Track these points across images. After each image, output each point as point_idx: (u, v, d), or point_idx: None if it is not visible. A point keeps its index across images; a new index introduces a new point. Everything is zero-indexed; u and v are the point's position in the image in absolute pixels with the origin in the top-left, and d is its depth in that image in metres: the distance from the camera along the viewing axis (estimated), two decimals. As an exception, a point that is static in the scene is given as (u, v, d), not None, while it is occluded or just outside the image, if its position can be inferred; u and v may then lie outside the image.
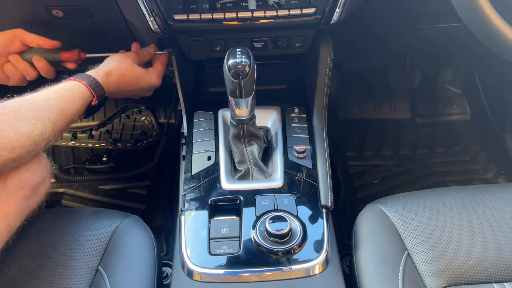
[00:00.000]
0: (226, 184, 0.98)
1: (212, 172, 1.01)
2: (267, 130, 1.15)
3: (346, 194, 1.64)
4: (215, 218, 0.92)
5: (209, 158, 1.05)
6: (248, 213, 0.92)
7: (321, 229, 0.91)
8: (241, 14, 0.97)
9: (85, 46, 1.08)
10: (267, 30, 1.07)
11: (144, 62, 1.09)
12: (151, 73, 1.06)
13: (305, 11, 0.98)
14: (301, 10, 0.97)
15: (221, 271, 0.84)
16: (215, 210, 0.94)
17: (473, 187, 0.96)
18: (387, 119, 1.90)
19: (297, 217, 0.91)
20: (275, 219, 0.86)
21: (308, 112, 1.16)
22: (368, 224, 0.92)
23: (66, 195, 1.66)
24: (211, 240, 0.88)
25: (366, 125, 1.88)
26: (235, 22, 0.99)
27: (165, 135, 1.72)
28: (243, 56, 0.85)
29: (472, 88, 1.81)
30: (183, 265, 0.86)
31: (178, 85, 1.13)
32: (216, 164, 1.03)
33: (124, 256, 0.86)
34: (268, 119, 1.16)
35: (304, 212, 0.93)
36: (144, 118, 1.84)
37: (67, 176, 1.68)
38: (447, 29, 1.27)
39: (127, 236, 0.89)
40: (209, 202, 0.94)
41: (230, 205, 0.95)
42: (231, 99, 0.92)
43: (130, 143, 1.80)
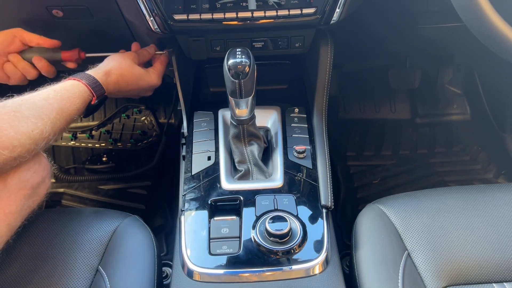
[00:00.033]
0: (226, 184, 0.98)
1: (212, 172, 1.01)
2: (267, 130, 1.15)
3: (346, 194, 1.64)
4: (215, 218, 0.92)
5: (209, 158, 1.05)
6: (248, 213, 0.92)
7: (321, 229, 0.91)
8: (241, 14, 0.97)
9: (85, 46, 1.08)
10: (267, 30, 1.06)
11: (144, 62, 1.09)
12: (151, 73, 1.06)
13: (305, 11, 0.98)
14: (301, 10, 0.97)
15: (221, 271, 0.84)
16: (215, 210, 0.94)
17: (473, 187, 0.96)
18: (387, 119, 1.90)
19: (297, 217, 0.91)
20: (275, 219, 0.86)
21: (308, 112, 1.16)
22: (368, 224, 0.92)
23: (66, 195, 1.66)
24: (211, 240, 0.88)
25: (366, 125, 1.88)
26: (235, 22, 0.99)
27: (165, 135, 1.72)
28: (243, 56, 0.85)
29: (472, 88, 1.81)
30: (183, 265, 0.86)
31: (178, 85, 1.13)
32: (216, 164, 1.03)
33: (124, 256, 0.86)
34: (268, 119, 1.16)
35: (304, 212, 0.93)
36: (144, 118, 1.83)
37: (67, 176, 1.68)
38: (447, 29, 1.27)
39: (127, 236, 0.89)
40: (209, 202, 0.94)
41: (230, 205, 0.95)
42: (231, 99, 0.92)
43: (130, 143, 1.80)
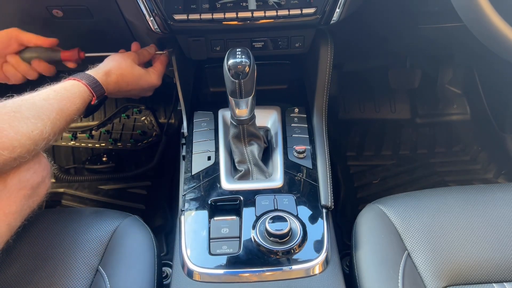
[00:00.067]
0: (226, 184, 0.98)
1: (212, 172, 1.01)
2: (267, 130, 1.15)
3: (346, 194, 1.64)
4: (215, 218, 0.92)
5: (209, 158, 1.05)
6: (248, 213, 0.92)
7: (321, 229, 0.91)
8: (241, 14, 0.97)
9: (85, 46, 1.08)
10: (267, 30, 1.06)
11: (144, 62, 1.09)
12: (151, 73, 1.06)
13: (305, 11, 0.98)
14: (301, 10, 0.97)
15: (221, 271, 0.84)
16: (215, 210, 0.94)
17: (473, 187, 0.96)
18: (387, 119, 1.90)
19: (297, 217, 0.91)
20: (275, 219, 0.86)
21: (308, 112, 1.16)
22: (368, 224, 0.92)
23: (66, 195, 1.66)
24: (211, 240, 0.88)
25: (366, 125, 1.88)
26: (235, 22, 0.99)
27: (165, 135, 1.72)
28: (243, 56, 0.85)
29: (472, 88, 1.80)
30: (183, 265, 0.86)
31: (178, 85, 1.13)
32: (216, 164, 1.03)
33: (124, 256, 0.86)
34: (268, 119, 1.16)
35: (304, 212, 0.93)
36: (144, 118, 1.83)
37: (67, 176, 1.68)
38: (447, 29, 1.27)
39: (127, 236, 0.89)
40: (209, 202, 0.94)
41: (230, 205, 0.95)
42: (231, 99, 0.92)
43: (130, 143, 1.79)
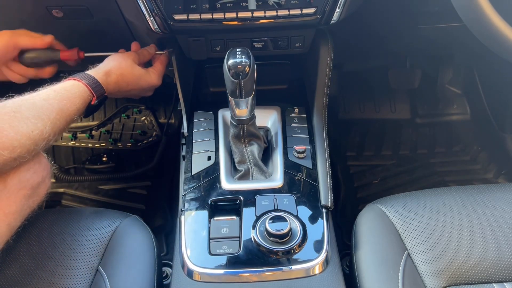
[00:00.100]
0: (226, 184, 0.98)
1: (212, 172, 1.01)
2: (267, 130, 1.15)
3: (346, 194, 1.64)
4: (215, 218, 0.92)
5: (209, 158, 1.05)
6: (248, 213, 0.92)
7: (321, 229, 0.91)
8: (241, 14, 0.97)
9: (85, 46, 1.08)
10: (267, 30, 1.06)
11: (144, 62, 1.09)
12: (151, 73, 1.06)
13: (305, 11, 0.98)
14: (301, 10, 0.97)
15: (221, 271, 0.84)
16: (215, 210, 0.94)
17: (473, 187, 0.96)
18: (387, 119, 1.90)
19: (297, 217, 0.91)
20: (275, 219, 0.86)
21: (308, 112, 1.16)
22: (368, 224, 0.92)
23: (66, 195, 1.66)
24: (211, 240, 0.88)
25: (366, 125, 1.88)
26: (235, 22, 0.99)
27: (165, 135, 1.72)
28: (243, 56, 0.85)
29: (472, 88, 1.80)
30: (183, 265, 0.86)
31: (178, 85, 1.13)
32: (216, 164, 1.03)
33: (124, 256, 0.86)
34: (268, 119, 1.16)
35: (304, 212, 0.93)
36: (144, 118, 1.83)
37: (67, 176, 1.68)
38: (447, 29, 1.27)
39: (127, 236, 0.89)
40: (209, 202, 0.94)
41: (230, 205, 0.95)
42: (231, 99, 0.92)
43: (130, 143, 1.79)
